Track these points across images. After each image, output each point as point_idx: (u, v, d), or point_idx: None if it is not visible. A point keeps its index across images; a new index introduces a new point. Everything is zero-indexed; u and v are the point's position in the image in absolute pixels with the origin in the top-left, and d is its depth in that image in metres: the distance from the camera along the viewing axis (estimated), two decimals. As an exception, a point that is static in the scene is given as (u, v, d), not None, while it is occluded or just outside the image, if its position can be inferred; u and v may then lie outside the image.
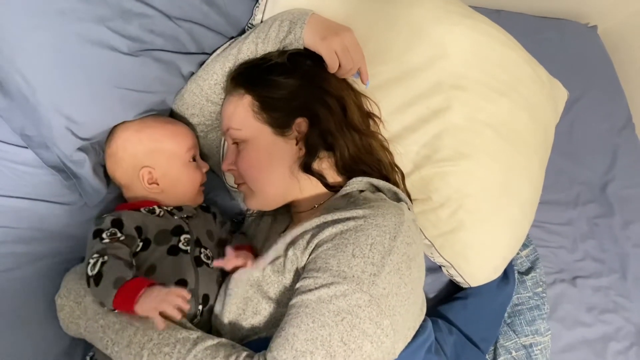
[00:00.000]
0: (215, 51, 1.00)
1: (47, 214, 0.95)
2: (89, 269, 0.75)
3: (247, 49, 0.94)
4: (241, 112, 0.89)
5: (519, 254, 1.21)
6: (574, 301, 1.23)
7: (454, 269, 1.07)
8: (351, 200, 0.84)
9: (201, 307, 0.84)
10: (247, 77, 0.91)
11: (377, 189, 0.88)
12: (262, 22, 0.99)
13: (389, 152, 0.98)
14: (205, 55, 1.00)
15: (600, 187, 1.46)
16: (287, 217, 1.00)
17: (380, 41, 1.01)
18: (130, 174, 0.92)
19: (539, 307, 1.14)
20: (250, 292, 0.80)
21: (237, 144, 0.91)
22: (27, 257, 0.90)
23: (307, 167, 0.87)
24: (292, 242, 0.79)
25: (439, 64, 1.00)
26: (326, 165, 0.90)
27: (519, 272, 1.19)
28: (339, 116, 0.89)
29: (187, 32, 0.95)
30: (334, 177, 0.91)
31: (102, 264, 0.74)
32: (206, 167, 0.99)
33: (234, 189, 1.04)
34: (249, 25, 1.02)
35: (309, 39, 0.91)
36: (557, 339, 1.16)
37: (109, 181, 0.98)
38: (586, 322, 1.21)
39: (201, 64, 1.00)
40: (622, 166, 1.51)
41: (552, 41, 1.70)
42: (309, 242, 0.77)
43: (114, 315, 0.76)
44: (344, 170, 0.90)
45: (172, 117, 1.03)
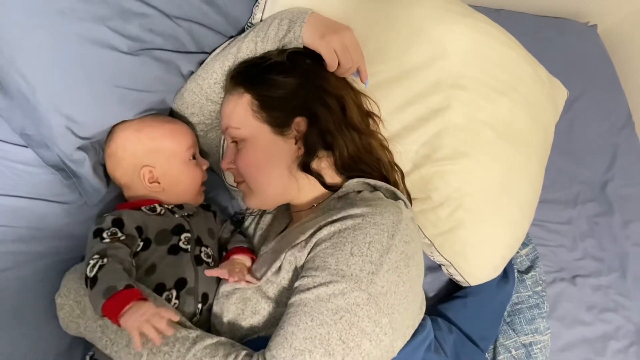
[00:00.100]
0: (214, 50, 1.00)
1: (47, 213, 0.95)
2: (88, 270, 0.74)
3: (247, 47, 0.94)
4: (240, 111, 0.89)
5: (518, 252, 1.21)
6: (574, 300, 1.23)
7: (454, 268, 1.07)
8: (349, 200, 0.84)
9: (200, 306, 0.84)
10: (246, 76, 0.91)
11: (375, 189, 0.88)
12: (261, 21, 0.99)
13: (388, 151, 0.98)
14: (204, 54, 1.00)
15: (600, 186, 1.46)
16: (287, 215, 1.00)
17: (380, 40, 1.00)
18: (130, 173, 0.93)
19: (539, 306, 1.14)
20: (249, 292, 0.80)
21: (236, 143, 0.91)
22: (26, 256, 0.90)
23: (305, 167, 0.86)
24: (292, 246, 0.79)
25: (439, 63, 1.00)
26: (325, 164, 0.90)
27: (519, 271, 1.19)
28: (338, 115, 0.89)
29: (186, 32, 0.95)
30: (332, 176, 0.90)
31: (100, 267, 0.73)
32: (206, 164, 1.00)
33: (234, 188, 1.04)
34: (249, 24, 1.02)
35: (308, 38, 0.91)
36: (556, 338, 1.16)
37: (109, 180, 0.98)
38: (586, 321, 1.21)
39: (201, 63, 1.00)
40: (621, 165, 1.50)
41: (552, 40, 1.70)
42: (307, 242, 0.77)
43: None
44: (343, 169, 0.90)
45: (172, 116, 1.03)
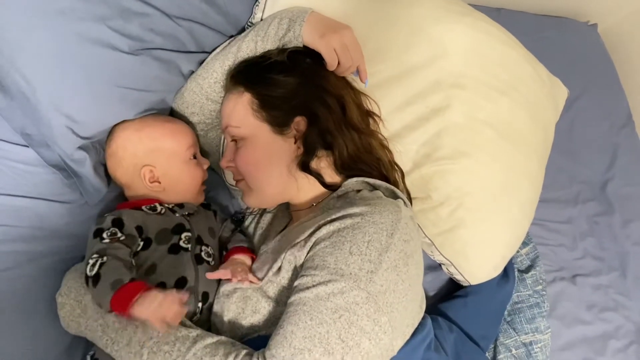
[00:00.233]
0: (215, 50, 1.00)
1: (48, 213, 0.95)
2: (88, 270, 0.74)
3: (247, 47, 0.94)
4: (240, 109, 0.89)
5: (518, 252, 1.21)
6: (574, 299, 1.23)
7: (454, 267, 1.07)
8: (348, 199, 0.84)
9: (201, 305, 0.84)
10: (246, 75, 0.91)
11: (375, 188, 0.88)
12: (261, 20, 0.99)
13: (388, 150, 0.98)
14: (205, 53, 1.00)
15: (600, 185, 1.46)
16: (287, 214, 1.00)
17: (380, 40, 1.00)
18: (131, 173, 0.93)
19: (539, 305, 1.14)
20: (249, 291, 0.81)
21: (236, 142, 0.91)
22: (27, 255, 0.90)
23: (305, 166, 0.86)
24: (291, 246, 0.79)
25: (439, 63, 1.00)
26: (325, 164, 0.90)
27: (519, 270, 1.19)
28: (338, 115, 0.89)
29: (186, 31, 0.95)
30: (332, 176, 0.90)
31: (101, 265, 0.74)
32: (207, 163, 1.00)
33: (234, 187, 1.04)
34: (249, 23, 1.02)
35: (308, 37, 0.91)
36: (557, 337, 1.16)
37: (110, 180, 0.98)
38: (586, 320, 1.21)
39: (201, 63, 1.00)
40: (622, 164, 1.50)
41: (552, 39, 1.70)
42: (306, 241, 0.77)
43: (113, 314, 0.76)
44: (343, 169, 0.90)
45: (172, 115, 1.03)
